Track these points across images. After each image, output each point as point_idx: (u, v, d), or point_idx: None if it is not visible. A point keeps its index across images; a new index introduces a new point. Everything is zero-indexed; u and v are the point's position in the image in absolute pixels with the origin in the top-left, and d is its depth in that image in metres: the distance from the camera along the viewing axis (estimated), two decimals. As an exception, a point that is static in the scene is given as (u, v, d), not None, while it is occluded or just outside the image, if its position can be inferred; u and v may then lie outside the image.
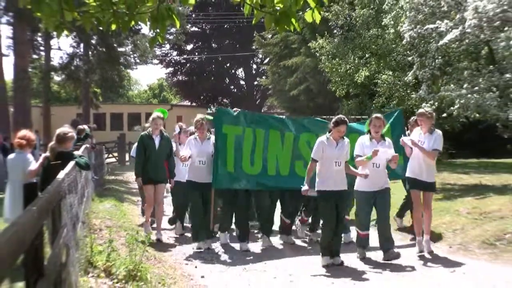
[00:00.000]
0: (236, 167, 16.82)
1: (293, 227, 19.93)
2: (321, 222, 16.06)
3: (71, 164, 11.48)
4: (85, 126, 23.06)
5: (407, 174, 15.90)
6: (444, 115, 22.88)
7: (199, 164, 17.12)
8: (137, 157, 18.51)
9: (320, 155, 14.52)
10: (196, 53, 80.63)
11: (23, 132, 14.33)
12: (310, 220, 19.98)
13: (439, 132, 15.71)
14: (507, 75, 26.96)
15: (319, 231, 17.81)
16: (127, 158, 48.58)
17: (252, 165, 16.78)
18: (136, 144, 20.98)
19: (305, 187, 14.73)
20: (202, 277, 14.13)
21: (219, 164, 16.63)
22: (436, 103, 27.92)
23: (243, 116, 18.18)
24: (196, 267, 15.16)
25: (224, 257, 17.20)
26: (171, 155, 19.45)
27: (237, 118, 17.54)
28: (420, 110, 15.19)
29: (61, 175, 9.14)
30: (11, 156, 14.14)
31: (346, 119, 15.64)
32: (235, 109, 20.02)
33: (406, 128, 19.38)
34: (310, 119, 20.91)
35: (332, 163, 14.46)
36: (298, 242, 18.88)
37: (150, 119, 18.88)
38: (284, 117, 19.93)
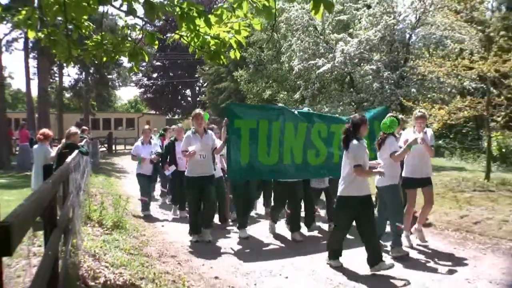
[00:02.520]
0: (251, 159, 12.09)
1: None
2: (334, 225, 10.55)
3: (76, 152, 11.54)
4: (78, 131, 19.13)
5: (405, 175, 11.61)
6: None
7: (200, 158, 12.16)
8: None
9: (363, 160, 9.26)
10: (159, 79, 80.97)
11: (43, 130, 14.46)
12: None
13: (431, 130, 12.54)
14: (361, 95, 27.29)
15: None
16: (113, 148, 48.86)
17: (268, 156, 12.22)
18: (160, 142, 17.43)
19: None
20: (162, 226, 14.11)
21: (233, 157, 11.92)
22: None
23: (258, 109, 13.74)
24: (163, 224, 14.65)
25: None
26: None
27: (251, 112, 12.69)
28: (419, 113, 11.84)
29: (69, 159, 9.12)
30: (35, 146, 14.25)
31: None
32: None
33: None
34: (321, 114, 15.67)
35: (366, 167, 9.54)
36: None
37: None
38: (296, 111, 14.00)
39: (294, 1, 7.56)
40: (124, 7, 6.89)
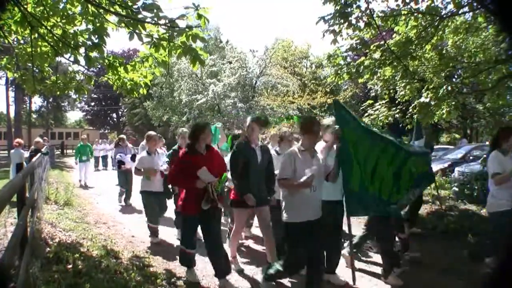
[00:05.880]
0: (361, 185, 6.00)
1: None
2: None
3: (39, 154, 11.21)
4: (41, 140, 17.80)
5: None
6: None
7: (309, 192, 4.98)
8: (235, 172, 6.31)
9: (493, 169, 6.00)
10: (95, 106, 78.30)
11: (17, 140, 14.24)
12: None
13: None
14: (225, 118, 27.31)
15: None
16: (64, 151, 47.37)
17: (372, 183, 6.12)
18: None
19: None
20: (97, 203, 13.39)
21: (347, 182, 5.85)
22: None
23: (355, 118, 6.37)
24: (97, 202, 14.15)
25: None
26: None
27: (351, 119, 6.12)
28: None
29: (34, 159, 8.83)
30: (12, 151, 13.78)
31: None
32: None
33: None
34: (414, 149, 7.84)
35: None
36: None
37: (247, 124, 6.44)
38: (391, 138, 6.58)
39: (181, 57, 7.60)
40: (72, 58, 6.69)
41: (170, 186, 8.59)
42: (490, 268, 5.88)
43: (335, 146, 5.61)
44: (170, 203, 8.99)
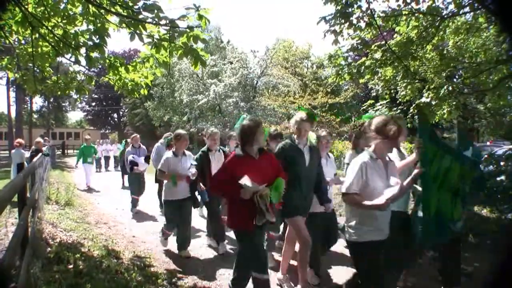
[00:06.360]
0: (438, 209, 4.62)
1: None
2: None
3: (40, 154, 11.25)
4: (42, 140, 17.12)
5: None
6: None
7: (380, 213, 3.93)
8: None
9: None
10: (96, 106, 78.10)
11: (18, 140, 14.07)
12: None
13: None
14: (226, 118, 27.36)
15: None
16: (65, 152, 47.87)
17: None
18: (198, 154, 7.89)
19: None
20: (98, 203, 13.37)
21: (424, 206, 4.65)
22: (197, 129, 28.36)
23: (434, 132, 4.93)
24: (98, 202, 14.16)
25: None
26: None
27: (435, 134, 4.84)
28: None
29: (35, 159, 8.86)
30: (13, 151, 13.69)
31: None
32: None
33: None
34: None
35: None
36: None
37: (294, 121, 5.61)
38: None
39: (183, 58, 7.57)
40: (73, 59, 6.70)
41: (197, 193, 7.74)
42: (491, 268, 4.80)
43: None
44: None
